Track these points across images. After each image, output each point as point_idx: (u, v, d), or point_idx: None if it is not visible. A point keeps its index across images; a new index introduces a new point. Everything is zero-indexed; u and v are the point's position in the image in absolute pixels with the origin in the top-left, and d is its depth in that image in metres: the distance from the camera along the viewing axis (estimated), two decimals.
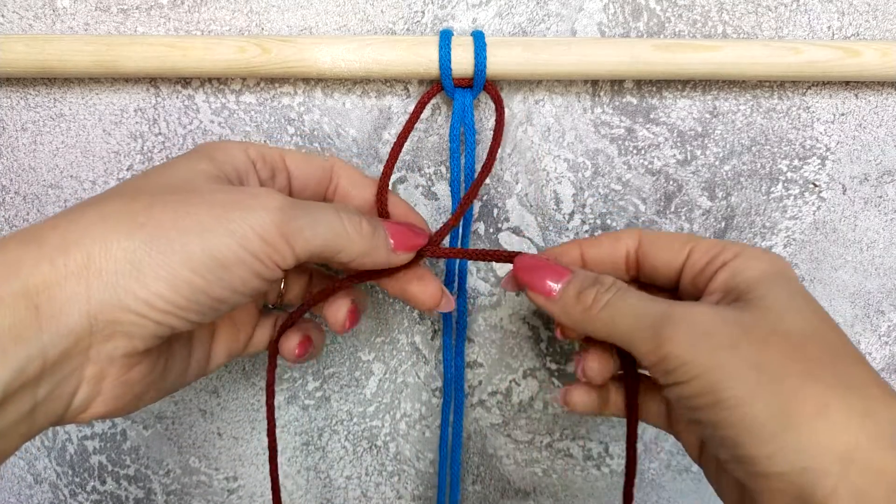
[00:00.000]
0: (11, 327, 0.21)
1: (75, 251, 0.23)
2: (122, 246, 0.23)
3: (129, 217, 0.24)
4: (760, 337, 0.24)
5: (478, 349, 0.43)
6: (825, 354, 0.24)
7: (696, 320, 0.25)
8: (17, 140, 0.39)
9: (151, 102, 0.38)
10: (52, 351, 0.22)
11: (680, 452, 0.45)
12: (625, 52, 0.35)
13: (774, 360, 0.24)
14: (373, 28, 0.37)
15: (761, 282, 0.27)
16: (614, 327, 0.27)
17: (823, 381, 0.23)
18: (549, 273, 0.30)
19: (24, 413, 0.23)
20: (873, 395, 0.23)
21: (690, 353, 0.24)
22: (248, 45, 0.35)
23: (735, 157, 0.39)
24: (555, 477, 0.46)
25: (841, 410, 0.22)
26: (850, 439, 0.22)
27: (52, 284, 0.22)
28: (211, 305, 0.25)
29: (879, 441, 0.22)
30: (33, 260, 0.23)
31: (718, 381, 0.24)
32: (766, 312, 0.25)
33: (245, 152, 0.31)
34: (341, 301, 0.33)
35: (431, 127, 0.39)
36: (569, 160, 0.39)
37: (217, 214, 0.25)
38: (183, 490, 0.46)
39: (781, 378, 0.23)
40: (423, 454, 0.45)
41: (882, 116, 0.39)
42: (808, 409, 0.22)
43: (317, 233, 0.27)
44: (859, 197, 0.40)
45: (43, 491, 0.46)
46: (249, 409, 0.44)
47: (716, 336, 0.24)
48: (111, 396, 0.25)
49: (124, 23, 0.37)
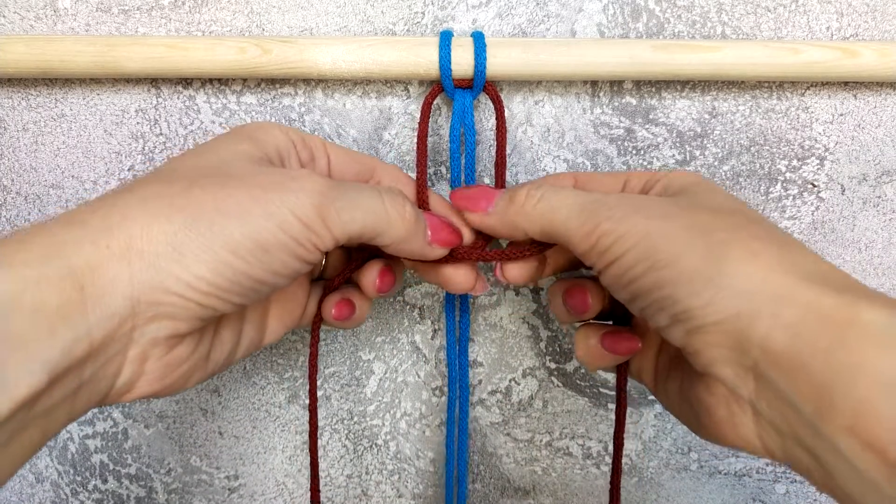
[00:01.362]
0: (59, 307, 0.21)
1: (117, 233, 0.23)
2: (163, 229, 0.23)
3: (168, 200, 0.24)
4: (690, 209, 0.26)
5: (478, 348, 0.43)
6: (751, 221, 0.26)
7: (628, 200, 0.27)
8: (19, 140, 0.39)
9: (152, 103, 0.38)
10: (97, 332, 0.22)
11: (679, 451, 0.45)
12: (624, 53, 0.35)
13: (704, 221, 0.25)
14: (373, 29, 0.37)
15: (691, 185, 0.29)
16: (551, 217, 0.28)
17: (750, 234, 0.24)
18: (482, 194, 0.31)
19: (68, 393, 0.22)
20: (797, 247, 0.24)
21: (625, 225, 0.25)
22: (248, 45, 0.35)
23: (734, 157, 0.39)
24: (554, 475, 0.46)
25: (768, 256, 0.23)
26: (779, 280, 0.22)
27: (96, 266, 0.22)
28: (252, 287, 0.25)
29: (806, 280, 0.22)
30: (76, 241, 0.22)
31: (653, 245, 0.24)
32: (696, 197, 0.28)
33: (286, 134, 0.31)
34: (373, 264, 0.33)
35: (431, 127, 0.39)
36: (568, 160, 0.39)
37: (256, 196, 0.24)
38: (184, 489, 0.46)
39: (711, 232, 0.24)
40: (424, 453, 0.45)
41: (881, 117, 0.39)
42: (737, 255, 0.23)
43: (355, 216, 0.27)
44: (858, 197, 0.40)
45: (45, 490, 0.46)
46: (250, 407, 0.45)
47: (648, 209, 0.26)
48: (156, 377, 0.25)
49: (125, 23, 0.37)
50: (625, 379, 0.33)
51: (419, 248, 0.30)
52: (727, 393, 0.24)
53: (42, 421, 0.22)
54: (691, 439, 0.45)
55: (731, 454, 0.45)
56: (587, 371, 0.43)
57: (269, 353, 0.43)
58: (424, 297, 0.42)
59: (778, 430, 0.23)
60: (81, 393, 0.23)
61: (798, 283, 0.22)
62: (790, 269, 0.23)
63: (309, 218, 0.25)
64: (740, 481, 0.46)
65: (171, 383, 0.26)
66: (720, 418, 0.25)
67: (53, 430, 0.23)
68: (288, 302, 0.32)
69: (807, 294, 0.22)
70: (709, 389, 0.25)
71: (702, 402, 0.25)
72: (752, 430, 0.24)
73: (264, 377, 0.44)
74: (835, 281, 0.23)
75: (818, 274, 0.23)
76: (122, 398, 0.25)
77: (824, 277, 0.23)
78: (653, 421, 0.45)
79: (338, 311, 0.33)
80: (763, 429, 0.24)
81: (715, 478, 0.46)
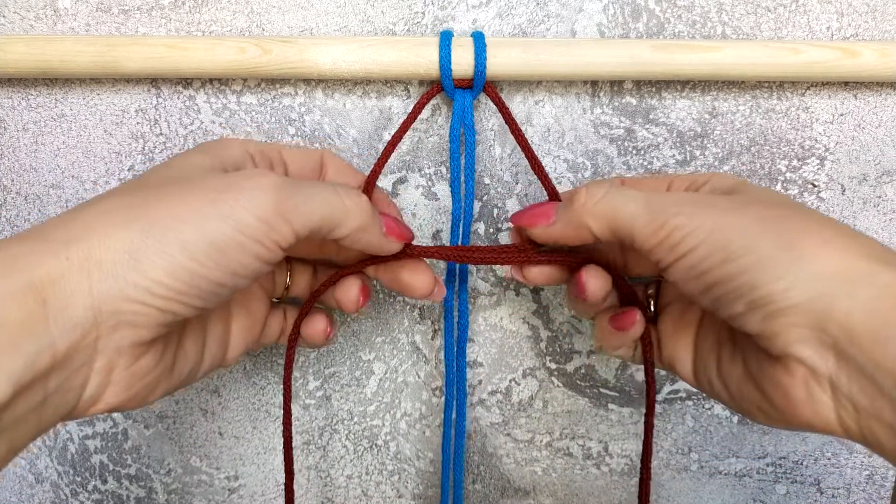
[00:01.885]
0: (21, 321, 0.22)
1: (77, 245, 0.23)
2: (120, 237, 0.24)
3: (127, 210, 0.25)
4: (754, 204, 0.27)
5: (478, 349, 0.43)
6: (813, 212, 0.28)
7: (694, 197, 0.28)
8: (19, 140, 0.39)
9: (152, 103, 0.38)
10: (60, 343, 0.23)
11: (679, 452, 0.45)
12: (624, 53, 0.35)
13: (774, 214, 0.26)
14: (373, 29, 0.37)
15: (738, 186, 0.30)
16: (616, 215, 0.28)
17: (819, 223, 0.26)
18: (541, 209, 0.32)
19: (34, 406, 0.23)
20: (860, 236, 0.26)
21: (696, 220, 0.26)
22: (248, 45, 0.35)
23: (734, 157, 0.39)
24: (554, 476, 0.46)
25: (840, 243, 0.25)
26: (853, 264, 0.24)
27: (57, 279, 0.23)
28: (211, 290, 0.25)
29: (878, 263, 0.24)
30: (37, 255, 0.23)
31: (726, 238, 0.25)
32: (750, 195, 0.29)
33: (243, 147, 0.32)
34: (350, 282, 0.34)
35: (431, 127, 0.39)
36: (568, 160, 0.39)
37: (211, 199, 0.25)
38: (184, 489, 0.46)
39: (783, 221, 0.26)
40: (424, 453, 0.45)
41: (881, 117, 0.39)
42: (812, 242, 0.25)
43: (313, 208, 0.27)
44: (858, 197, 0.40)
45: (44, 490, 0.46)
46: (250, 408, 0.44)
47: (716, 204, 0.27)
48: (122, 388, 0.25)
49: (125, 23, 0.37)
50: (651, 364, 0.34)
51: (377, 238, 0.30)
52: (806, 372, 0.25)
53: (8, 434, 0.22)
54: (691, 439, 0.45)
55: (731, 455, 0.45)
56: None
57: (269, 353, 0.43)
58: None
59: (856, 405, 0.24)
60: (47, 406, 0.23)
61: (872, 266, 0.24)
62: (862, 253, 0.24)
63: (266, 214, 0.25)
64: (740, 482, 0.46)
65: (136, 393, 0.26)
66: (798, 398, 0.25)
67: (20, 444, 0.23)
68: (248, 318, 0.33)
69: (882, 276, 0.24)
70: (787, 370, 0.25)
71: (778, 384, 0.26)
72: (830, 407, 0.25)
73: (264, 377, 0.44)
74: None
75: (887, 258, 0.25)
76: (89, 411, 0.25)
77: (893, 260, 0.24)
78: None
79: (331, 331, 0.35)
80: (841, 406, 0.25)
81: (715, 478, 0.46)
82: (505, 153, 0.39)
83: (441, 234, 0.41)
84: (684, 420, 0.44)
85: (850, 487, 0.46)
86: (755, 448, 0.45)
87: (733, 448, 0.45)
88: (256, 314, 0.34)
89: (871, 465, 0.45)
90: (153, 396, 0.27)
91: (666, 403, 0.44)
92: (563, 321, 0.43)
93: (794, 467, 0.45)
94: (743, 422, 0.44)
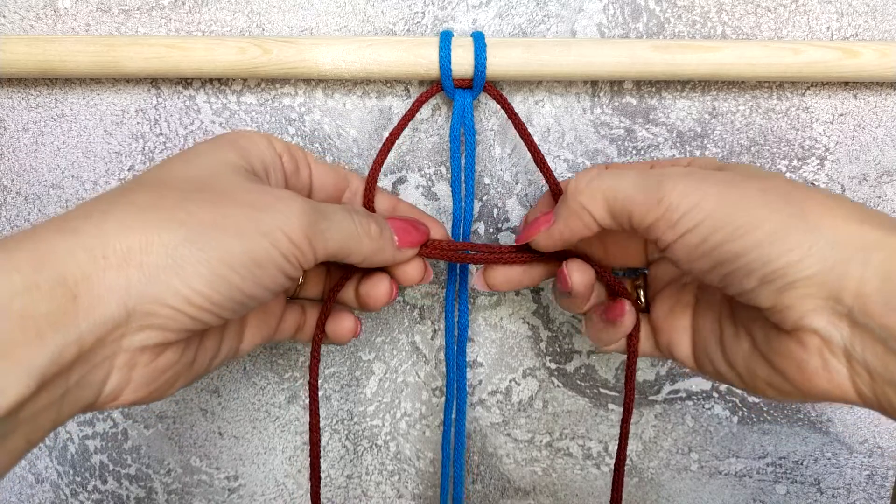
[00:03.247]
0: (49, 314, 0.22)
1: (114, 242, 0.23)
2: (163, 241, 0.24)
3: (166, 212, 0.25)
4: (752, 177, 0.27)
5: (478, 349, 0.43)
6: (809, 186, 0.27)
7: (692, 173, 0.27)
8: (19, 140, 0.39)
9: (152, 103, 0.38)
10: (87, 338, 0.23)
11: (679, 452, 0.45)
12: (624, 53, 0.35)
13: (775, 185, 0.26)
14: (373, 29, 0.37)
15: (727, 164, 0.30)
16: (614, 193, 0.28)
17: (821, 192, 0.26)
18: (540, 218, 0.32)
19: (54, 400, 0.23)
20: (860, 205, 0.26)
21: (695, 197, 0.26)
22: (248, 45, 0.35)
23: (734, 157, 0.39)
24: (554, 476, 0.46)
25: (845, 211, 0.25)
26: (863, 231, 0.24)
27: (91, 274, 0.23)
28: (242, 302, 0.26)
29: (885, 228, 0.24)
30: (69, 248, 0.23)
31: (730, 213, 0.25)
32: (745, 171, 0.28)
33: (272, 145, 0.31)
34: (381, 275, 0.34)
35: (431, 127, 0.39)
36: (569, 160, 0.39)
37: (249, 215, 0.26)
38: (184, 489, 0.46)
39: (787, 193, 0.25)
40: (424, 453, 0.45)
41: (881, 117, 0.39)
42: (819, 211, 0.25)
43: (335, 237, 0.28)
44: (858, 197, 0.40)
45: (44, 490, 0.46)
46: (250, 408, 0.44)
47: (714, 180, 0.26)
48: (142, 384, 0.26)
49: (125, 23, 0.37)
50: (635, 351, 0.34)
51: (390, 256, 0.32)
52: (820, 343, 0.25)
53: (26, 427, 0.22)
54: (691, 439, 0.45)
55: (731, 455, 0.45)
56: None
57: (269, 353, 0.43)
58: (424, 297, 0.42)
59: (872, 372, 0.24)
60: (67, 399, 0.23)
61: (879, 231, 0.24)
62: (867, 220, 0.25)
63: (296, 236, 0.26)
64: (740, 481, 0.46)
65: (156, 389, 0.26)
66: (813, 369, 0.25)
67: (38, 437, 0.23)
68: (266, 315, 0.34)
69: (891, 240, 0.24)
70: (800, 342, 0.25)
71: (791, 356, 0.26)
72: (845, 376, 0.25)
73: (264, 377, 0.44)
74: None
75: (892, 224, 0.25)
76: (108, 405, 0.25)
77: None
78: (653, 421, 0.45)
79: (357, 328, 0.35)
80: (857, 374, 0.25)
81: (715, 478, 0.46)
82: (505, 153, 0.39)
83: None
84: (684, 420, 0.45)
85: (850, 487, 0.46)
86: (755, 448, 0.45)
87: (733, 448, 0.45)
88: (273, 310, 0.34)
89: (871, 466, 0.45)
90: (172, 390, 0.28)
91: (666, 403, 0.44)
92: (564, 321, 0.43)
93: (794, 467, 0.45)
94: (743, 422, 0.44)
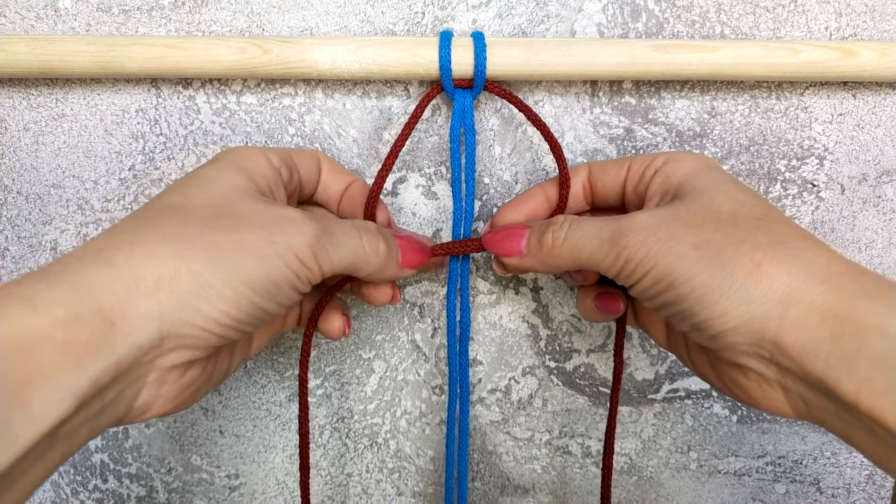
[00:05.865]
0: (89, 342, 0.23)
1: (145, 272, 0.25)
2: (189, 268, 0.26)
3: (189, 241, 0.27)
4: (695, 223, 0.28)
5: (477, 347, 0.43)
6: (753, 222, 0.28)
7: (640, 226, 0.29)
8: (20, 140, 0.39)
9: (153, 103, 0.38)
10: (124, 361, 0.24)
11: (679, 451, 0.45)
12: (624, 53, 0.35)
13: (709, 238, 0.28)
14: (373, 29, 0.37)
15: (690, 177, 0.31)
16: (579, 254, 0.31)
17: (753, 244, 0.27)
18: (512, 237, 0.34)
19: (91, 416, 0.24)
20: (799, 245, 0.27)
21: (642, 252, 0.28)
22: (248, 45, 0.35)
23: (733, 157, 0.39)
24: (554, 474, 0.46)
25: (772, 264, 0.26)
26: (783, 285, 0.26)
27: (126, 303, 0.24)
28: (261, 318, 0.29)
29: (808, 280, 0.26)
30: (106, 280, 0.25)
31: (667, 268, 0.28)
32: (698, 200, 0.30)
33: (269, 161, 0.33)
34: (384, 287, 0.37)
35: (431, 127, 0.39)
36: (568, 160, 0.39)
37: (265, 238, 0.28)
38: (185, 488, 0.46)
39: (718, 250, 0.27)
40: (424, 451, 0.46)
41: (880, 116, 0.39)
42: (744, 269, 0.26)
43: (342, 256, 0.31)
44: (857, 197, 0.40)
45: (44, 490, 0.46)
46: (251, 406, 0.45)
47: (658, 233, 0.28)
48: (169, 398, 0.28)
49: (125, 24, 0.37)
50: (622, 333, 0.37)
51: (393, 273, 0.34)
52: (758, 376, 0.28)
53: (64, 443, 0.24)
54: (691, 438, 0.45)
55: (730, 454, 0.45)
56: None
57: (269, 351, 0.44)
58: (424, 295, 0.42)
59: (805, 401, 0.27)
60: (102, 415, 0.25)
61: (803, 284, 0.26)
62: (793, 271, 0.26)
63: (305, 256, 0.29)
64: (740, 481, 0.46)
65: (181, 402, 0.29)
66: (755, 395, 0.28)
67: (72, 450, 0.25)
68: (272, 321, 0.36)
69: (811, 292, 0.25)
70: (742, 373, 0.28)
71: (736, 382, 0.29)
72: (784, 402, 0.28)
73: (265, 376, 0.44)
74: (834, 277, 0.26)
75: (826, 272, 0.26)
76: (137, 419, 0.28)
77: (824, 275, 0.26)
78: (652, 420, 0.45)
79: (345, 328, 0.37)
80: (793, 400, 0.27)
81: (714, 477, 0.46)
82: (505, 153, 0.39)
83: (441, 233, 0.41)
84: (683, 419, 0.45)
85: (850, 487, 0.46)
86: (754, 447, 0.45)
87: (732, 447, 0.45)
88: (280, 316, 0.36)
89: (870, 465, 0.45)
90: (194, 401, 0.30)
91: (665, 402, 0.44)
92: (563, 320, 0.43)
93: (794, 466, 0.45)
94: (742, 421, 0.45)
